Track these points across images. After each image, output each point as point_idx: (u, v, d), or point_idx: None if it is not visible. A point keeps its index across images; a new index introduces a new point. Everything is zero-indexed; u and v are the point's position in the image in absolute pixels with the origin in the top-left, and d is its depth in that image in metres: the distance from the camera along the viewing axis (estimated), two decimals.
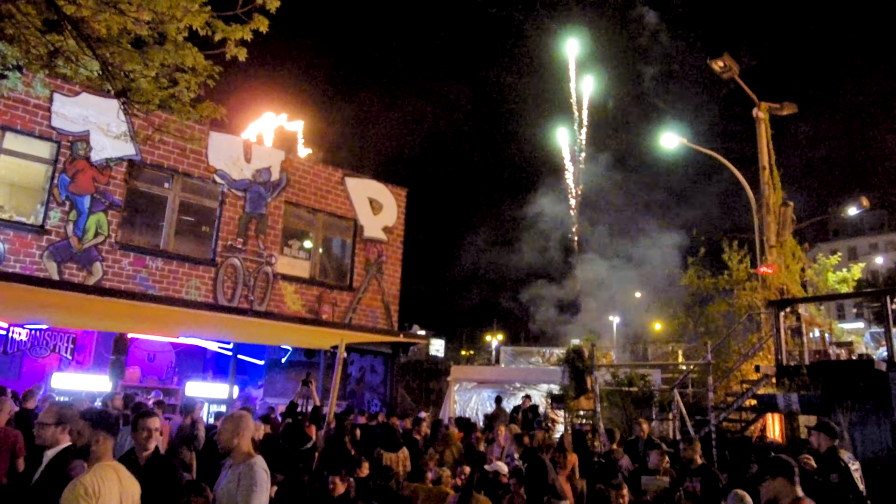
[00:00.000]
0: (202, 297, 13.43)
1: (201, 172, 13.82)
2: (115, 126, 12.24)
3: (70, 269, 11.91)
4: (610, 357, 21.10)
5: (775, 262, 16.53)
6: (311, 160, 16.76)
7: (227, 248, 13.97)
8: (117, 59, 6.58)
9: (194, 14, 6.59)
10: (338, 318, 15.52)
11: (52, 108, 11.96)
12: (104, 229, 12.35)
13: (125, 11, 6.20)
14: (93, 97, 12.24)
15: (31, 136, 11.77)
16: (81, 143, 12.22)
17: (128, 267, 12.60)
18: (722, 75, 17.80)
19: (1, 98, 11.31)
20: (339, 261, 16.68)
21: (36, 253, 11.59)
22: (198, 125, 13.24)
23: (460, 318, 58.18)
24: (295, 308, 14.83)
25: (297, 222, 15.62)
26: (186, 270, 13.36)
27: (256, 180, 14.61)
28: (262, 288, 14.37)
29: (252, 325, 13.57)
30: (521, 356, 26.81)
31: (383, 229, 16.96)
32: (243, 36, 7.06)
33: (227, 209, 14.11)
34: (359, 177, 16.87)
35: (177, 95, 6.97)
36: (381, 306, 16.56)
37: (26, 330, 12.43)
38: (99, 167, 12.39)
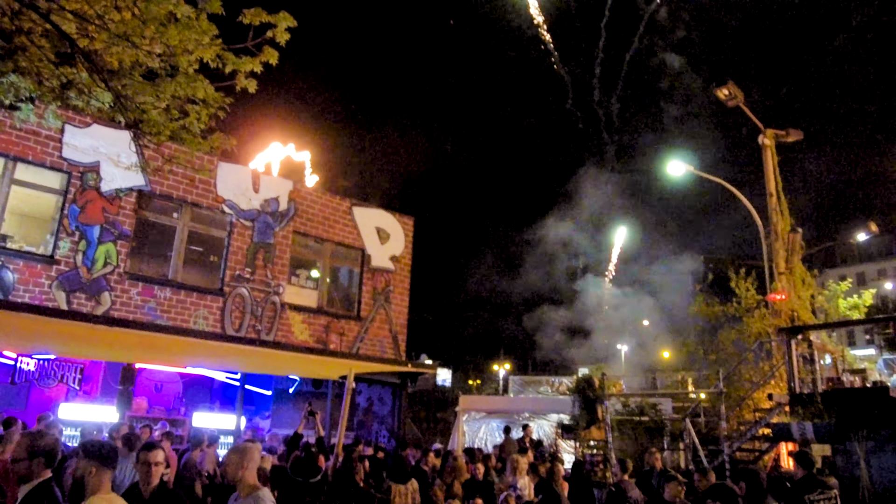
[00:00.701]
0: (210, 326, 13.41)
1: (210, 203, 13.88)
2: (125, 157, 12.34)
3: (79, 298, 11.92)
4: (620, 386, 20.91)
5: (785, 288, 16.43)
6: (318, 190, 16.83)
7: (235, 277, 13.97)
8: (129, 90, 6.65)
9: (206, 47, 6.67)
10: (345, 347, 15.46)
11: (64, 139, 12.07)
12: (113, 259, 12.39)
13: (138, 45, 6.28)
14: (103, 128, 12.36)
15: (42, 166, 11.87)
16: (92, 174, 12.31)
17: (136, 297, 12.60)
18: (727, 103, 17.89)
19: (13, 129, 11.43)
20: (346, 290, 16.66)
21: (45, 283, 11.61)
22: (207, 156, 13.33)
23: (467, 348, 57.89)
24: (303, 338, 14.78)
25: (304, 252, 15.64)
26: (194, 300, 13.36)
27: (264, 210, 14.67)
28: (270, 318, 14.34)
29: (260, 355, 13.52)
30: (530, 386, 26.62)
31: (391, 258, 16.96)
32: (253, 68, 7.14)
33: (236, 239, 14.15)
34: (366, 206, 16.93)
35: (187, 126, 7.02)
36: (389, 336, 16.49)
37: (34, 360, 12.41)
38: (109, 197, 12.46)
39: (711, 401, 15.04)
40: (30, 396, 13.02)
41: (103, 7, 6.43)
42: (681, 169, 19.98)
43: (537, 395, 24.15)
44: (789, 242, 17.11)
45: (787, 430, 12.35)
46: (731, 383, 15.64)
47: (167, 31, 6.33)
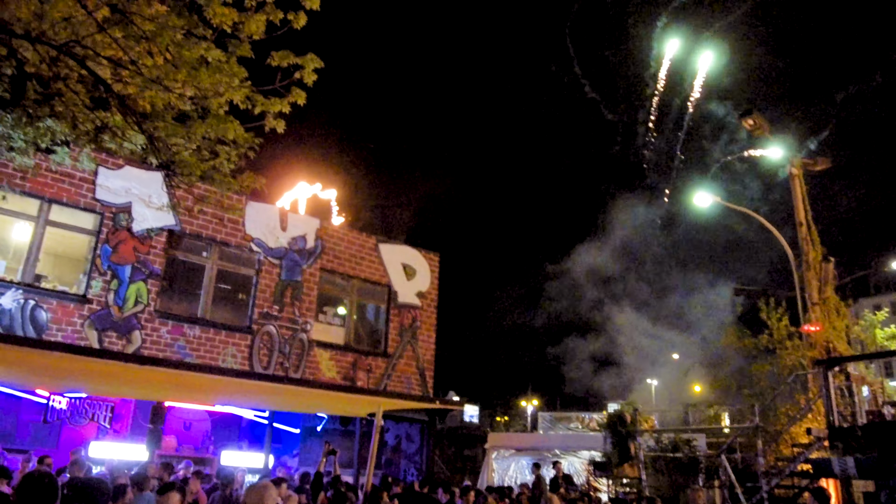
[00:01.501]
0: (238, 364, 13.46)
1: (238, 241, 14.04)
2: (156, 197, 12.58)
3: (110, 337, 12.06)
4: (652, 422, 20.54)
5: (819, 319, 16.10)
6: (345, 227, 16.96)
7: (263, 315, 14.05)
8: (162, 133, 6.79)
9: (235, 89, 6.81)
10: (373, 384, 15.40)
11: (97, 180, 12.33)
12: (144, 298, 12.54)
13: (170, 88, 6.43)
14: (136, 170, 12.61)
15: (76, 207, 12.12)
16: (124, 215, 12.54)
17: (166, 335, 12.72)
18: (753, 133, 17.79)
19: (49, 172, 11.71)
20: (373, 327, 16.66)
21: (78, 322, 11.77)
22: (236, 195, 13.52)
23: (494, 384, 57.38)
24: (330, 375, 14.76)
25: (331, 289, 15.71)
26: (223, 338, 13.44)
27: (292, 248, 14.79)
28: (298, 355, 14.36)
29: (288, 393, 13.50)
30: (560, 422, 26.24)
31: (417, 294, 16.96)
32: (282, 109, 7.27)
33: (264, 277, 14.26)
34: (392, 243, 17.00)
35: (218, 167, 7.14)
36: (416, 372, 16.41)
37: (66, 398, 12.52)
38: (140, 237, 12.67)
39: (747, 436, 14.68)
40: (61, 435, 13.11)
41: (137, 53, 6.61)
42: (707, 200, 19.84)
43: (567, 431, 23.79)
44: (822, 272, 16.82)
45: (827, 466, 11.99)
46: (767, 417, 15.29)
47: (199, 75, 6.48)
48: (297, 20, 7.31)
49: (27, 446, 12.08)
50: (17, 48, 6.99)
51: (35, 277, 11.80)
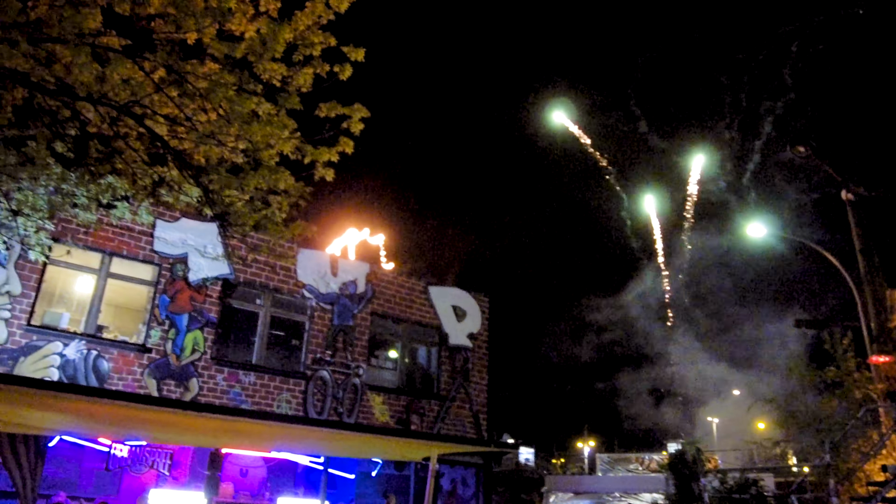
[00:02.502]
0: (293, 410, 13.56)
1: (291, 288, 14.27)
2: (211, 247, 12.96)
3: (168, 385, 12.31)
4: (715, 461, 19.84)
5: (888, 350, 15.44)
6: (394, 271, 17.10)
7: (316, 360, 14.18)
8: (216, 185, 7.01)
9: (285, 140, 7.02)
10: (426, 428, 15.31)
11: (155, 233, 12.74)
12: (200, 346, 12.80)
13: (224, 142, 6.66)
14: (191, 221, 13.01)
15: (135, 260, 12.53)
16: (180, 265, 12.90)
17: (222, 382, 12.92)
18: (805, 160, 17.43)
19: (110, 226, 12.15)
20: (425, 370, 16.62)
21: (137, 371, 12.07)
22: (287, 243, 13.80)
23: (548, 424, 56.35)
24: (383, 419, 14.74)
25: (383, 333, 15.78)
26: (277, 384, 13.58)
27: (343, 293, 14.96)
28: (351, 399, 14.40)
29: (342, 438, 13.49)
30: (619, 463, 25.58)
31: (468, 336, 16.90)
32: (330, 158, 7.46)
33: (316, 322, 14.43)
34: (441, 285, 17.04)
35: (270, 216, 7.32)
36: (470, 415, 16.26)
37: (127, 446, 12.76)
38: (196, 287, 12.99)
39: (818, 475, 14.04)
40: (122, 482, 13.32)
41: (192, 109, 6.88)
42: (761, 231, 19.40)
43: (627, 473, 23.15)
44: (887, 300, 16.19)
45: None
46: (839, 454, 14.61)
47: (250, 128, 6.70)
48: (343, 72, 7.53)
49: (90, 494, 12.32)
50: (80, 110, 7.35)
51: (97, 328, 12.17)
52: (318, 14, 7.44)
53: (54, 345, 11.50)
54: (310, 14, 7.43)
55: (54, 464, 11.66)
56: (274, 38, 7.02)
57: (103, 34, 7.34)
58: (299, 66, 7.38)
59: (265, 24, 7.20)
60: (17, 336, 11.18)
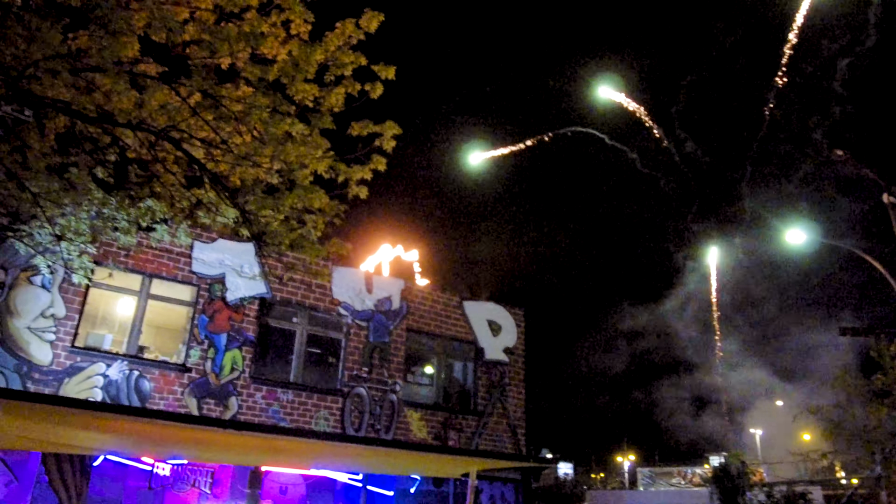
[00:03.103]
0: (331, 427, 13.61)
1: (327, 306, 14.38)
2: (248, 267, 13.15)
3: (208, 404, 12.45)
4: (760, 474, 19.38)
5: None
6: (428, 287, 17.12)
7: (353, 377, 14.23)
8: (252, 206, 7.11)
9: (319, 160, 7.11)
10: (464, 443, 15.23)
11: (193, 254, 12.95)
12: (239, 365, 12.94)
13: (259, 163, 6.76)
14: (228, 242, 13.20)
15: (174, 281, 12.75)
16: (218, 285, 13.08)
17: (261, 400, 13.03)
18: (844, 164, 17.08)
19: (149, 249, 12.38)
20: (461, 385, 16.57)
21: (178, 390, 12.24)
22: (323, 261, 13.93)
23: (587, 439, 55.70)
24: (421, 435, 14.72)
25: (418, 348, 15.79)
26: (315, 402, 13.66)
27: (378, 310, 15.02)
28: (388, 416, 14.41)
29: (380, 455, 13.49)
30: (660, 477, 25.15)
31: (504, 350, 16.82)
32: (363, 176, 7.54)
33: (352, 339, 14.49)
34: (476, 300, 17.01)
35: (305, 235, 7.40)
36: (507, 430, 16.15)
37: (169, 465, 12.92)
38: (234, 306, 13.16)
39: (868, 487, 13.64)
40: (164, 501, 13.47)
41: (228, 132, 7.01)
42: (801, 237, 19.03)
43: (669, 487, 22.74)
44: None
45: None
46: (890, 466, 14.17)
47: (285, 149, 6.80)
48: (374, 90, 7.61)
49: None
50: (120, 136, 7.54)
51: (138, 349, 12.39)
52: (348, 34, 7.54)
53: (98, 366, 11.73)
54: (340, 35, 7.54)
55: (99, 483, 11.85)
56: (306, 59, 7.14)
57: (141, 62, 7.54)
58: (331, 86, 7.49)
59: (297, 47, 7.32)
60: (61, 358, 11.43)
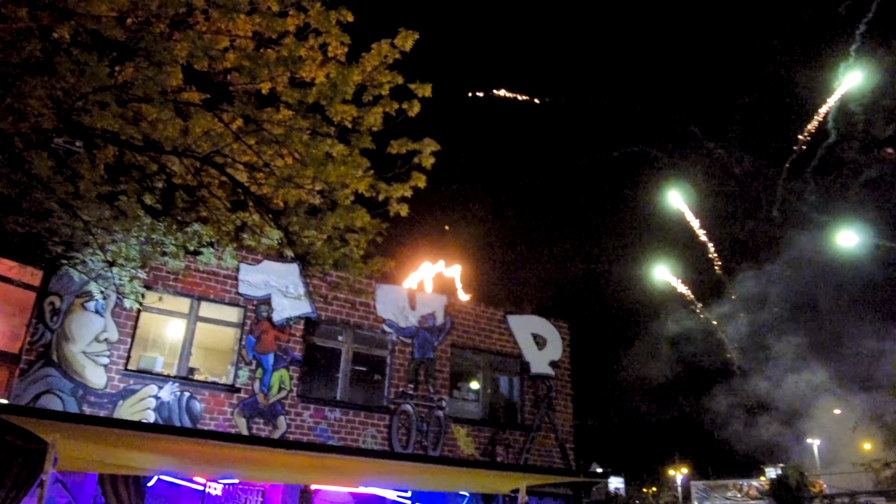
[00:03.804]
0: (378, 444, 13.65)
1: (371, 323, 14.46)
2: (293, 287, 13.35)
3: (258, 423, 12.61)
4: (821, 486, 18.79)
5: None
6: (472, 302, 17.11)
7: (399, 394, 14.26)
8: (296, 227, 7.22)
9: (360, 179, 7.20)
10: (512, 459, 15.11)
11: (239, 276, 13.18)
12: (287, 384, 13.09)
13: (301, 185, 6.87)
14: (273, 263, 13.41)
15: (222, 303, 12.99)
16: (264, 306, 13.28)
17: (308, 419, 13.14)
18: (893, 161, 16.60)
19: (197, 272, 12.64)
20: (508, 400, 16.47)
21: (228, 410, 12.42)
22: (366, 279, 14.03)
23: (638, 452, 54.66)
24: (468, 451, 14.65)
25: (463, 364, 15.76)
26: (362, 419, 13.72)
27: (422, 326, 15.05)
28: (435, 433, 14.39)
29: (428, 472, 13.47)
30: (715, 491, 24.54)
31: (550, 364, 16.67)
32: (404, 193, 7.60)
33: (397, 357, 14.54)
34: (520, 313, 16.92)
35: (348, 254, 7.48)
36: (556, 444, 15.97)
37: (221, 485, 13.10)
38: (280, 327, 13.33)
39: None
40: None
41: (270, 156, 7.15)
42: (853, 240, 18.52)
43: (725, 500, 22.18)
44: None
45: None
46: None
47: (326, 170, 6.91)
48: (412, 108, 7.68)
49: None
50: (166, 163, 7.74)
51: (189, 370, 12.63)
52: (384, 54, 7.64)
53: (150, 388, 11.99)
54: (376, 55, 7.65)
55: (153, 503, 12.06)
56: (343, 81, 7.25)
57: (184, 90, 7.75)
58: (369, 106, 7.59)
59: (334, 69, 7.44)
60: (115, 381, 11.71)
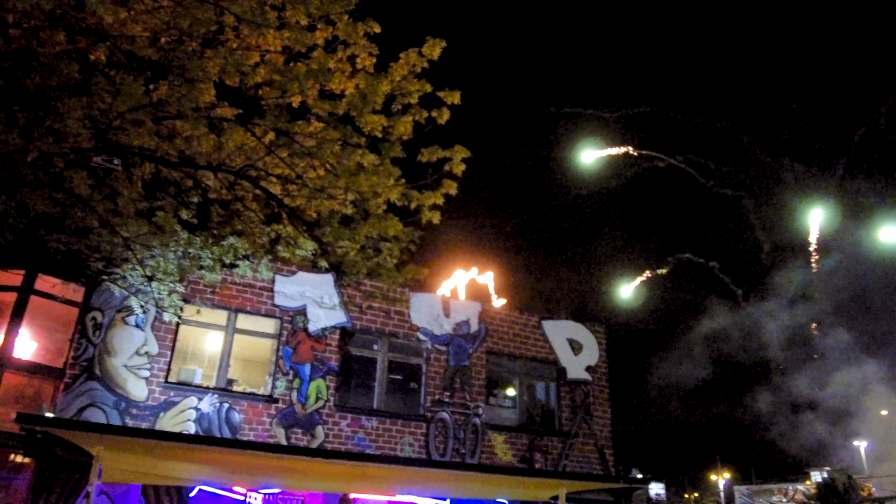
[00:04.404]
0: (416, 452, 13.66)
1: (406, 332, 14.51)
2: (327, 298, 13.47)
3: (296, 433, 12.71)
4: (869, 489, 18.31)
5: None
6: (506, 308, 17.06)
7: (435, 402, 14.26)
8: (329, 237, 7.29)
9: (391, 188, 7.24)
10: (550, 466, 15.00)
11: (275, 288, 13.33)
12: (323, 394, 13.18)
13: (334, 195, 6.93)
14: (307, 274, 13.53)
15: (258, 315, 13.14)
16: (300, 317, 13.40)
17: (346, 428, 13.21)
18: None
19: (233, 284, 12.81)
20: (544, 406, 16.35)
21: (266, 421, 12.54)
22: (400, 287, 14.08)
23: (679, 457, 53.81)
24: (506, 458, 14.58)
25: (499, 371, 15.71)
26: (399, 427, 13.75)
27: (457, 333, 15.04)
28: (472, 440, 14.35)
29: (466, 480, 13.43)
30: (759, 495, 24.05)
31: (586, 369, 16.53)
32: (435, 201, 7.62)
33: (433, 364, 14.55)
34: (555, 319, 16.82)
35: (382, 263, 7.52)
36: (595, 450, 15.81)
37: (261, 494, 13.21)
38: (316, 337, 13.44)
39: None
40: None
41: (302, 168, 7.23)
42: None
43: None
44: None
45: None
46: None
47: (357, 180, 6.96)
48: (441, 116, 7.71)
49: None
50: (201, 178, 7.87)
51: (227, 382, 12.79)
52: (412, 63, 7.69)
53: (190, 399, 12.17)
54: (404, 65, 7.70)
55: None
56: (373, 91, 7.31)
57: (217, 106, 7.89)
58: (399, 115, 7.64)
59: (363, 80, 7.51)
60: (156, 393, 11.91)
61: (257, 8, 6.44)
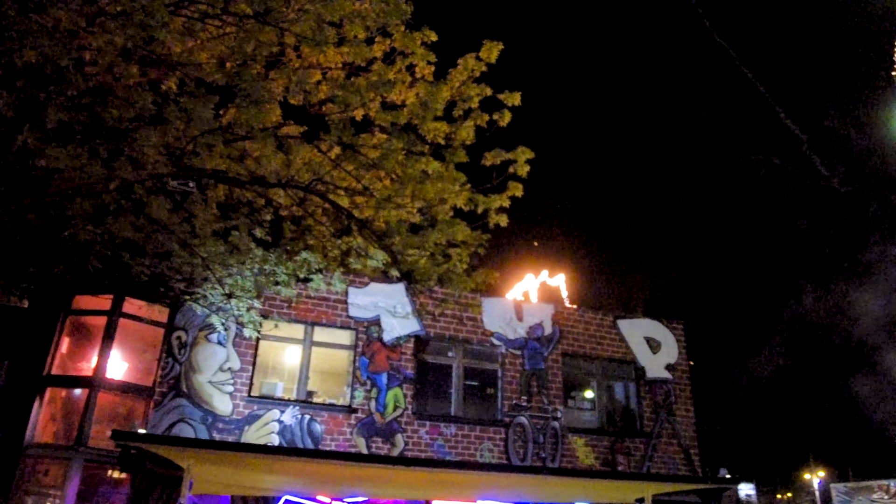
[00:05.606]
0: (495, 458, 13.61)
1: (479, 337, 14.49)
2: (400, 307, 13.62)
3: (376, 442, 12.86)
4: None
5: None
6: (579, 309, 16.82)
7: (513, 407, 14.19)
8: (399, 246, 7.37)
9: (457, 194, 7.27)
10: (634, 467, 14.68)
11: (348, 299, 13.55)
12: (401, 402, 13.30)
13: (401, 204, 7.00)
14: (379, 284, 13.71)
15: (334, 327, 13.38)
16: (374, 327, 13.58)
17: (425, 436, 13.28)
18: None
19: (308, 298, 13.09)
20: (625, 407, 16.04)
21: (347, 431, 12.74)
22: (471, 293, 14.09)
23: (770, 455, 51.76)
24: (588, 461, 14.36)
25: (576, 372, 15.50)
26: (478, 433, 13.73)
27: (531, 337, 14.93)
28: (552, 444, 14.20)
29: (548, 484, 13.30)
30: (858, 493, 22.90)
31: (666, 367, 16.13)
32: (501, 204, 7.61)
33: (508, 369, 14.49)
34: (630, 317, 16.50)
35: (452, 269, 7.55)
36: (679, 451, 15.40)
37: (344, 503, 13.41)
38: (391, 346, 13.59)
39: None
40: None
41: (368, 179, 7.35)
42: None
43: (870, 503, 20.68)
44: None
45: None
46: None
47: (423, 188, 7.02)
48: (503, 118, 7.71)
49: None
50: (272, 196, 8.08)
51: (307, 394, 13.06)
52: (470, 68, 7.72)
53: (272, 412, 12.48)
54: (463, 70, 7.74)
55: None
56: (433, 98, 7.36)
57: (283, 125, 8.09)
58: (460, 120, 7.67)
59: (423, 88, 7.58)
60: (240, 407, 12.26)
61: (316, 26, 6.58)
